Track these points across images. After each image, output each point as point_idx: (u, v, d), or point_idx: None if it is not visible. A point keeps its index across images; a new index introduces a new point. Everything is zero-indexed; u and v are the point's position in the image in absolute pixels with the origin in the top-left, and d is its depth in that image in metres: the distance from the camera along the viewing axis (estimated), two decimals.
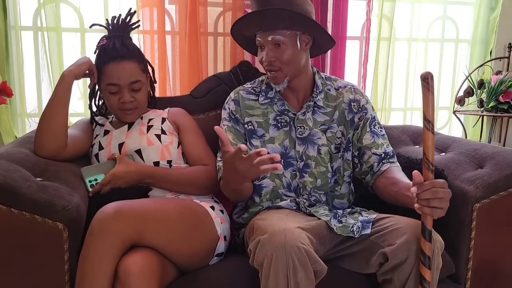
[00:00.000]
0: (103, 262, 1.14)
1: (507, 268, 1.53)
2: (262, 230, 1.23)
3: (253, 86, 1.58)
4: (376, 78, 2.44)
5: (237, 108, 1.53)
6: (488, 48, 2.66)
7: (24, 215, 1.17)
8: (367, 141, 1.50)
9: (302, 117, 1.51)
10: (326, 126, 1.52)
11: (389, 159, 1.48)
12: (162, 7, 2.10)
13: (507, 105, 2.42)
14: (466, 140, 1.81)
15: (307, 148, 1.50)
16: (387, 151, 1.49)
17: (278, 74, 1.44)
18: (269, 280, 1.13)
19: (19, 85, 2.04)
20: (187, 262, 1.33)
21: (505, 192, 1.47)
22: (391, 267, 1.22)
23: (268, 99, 1.53)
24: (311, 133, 1.50)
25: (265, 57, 1.43)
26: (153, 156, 1.50)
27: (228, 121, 1.53)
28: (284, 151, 1.50)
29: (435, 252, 1.21)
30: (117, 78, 1.48)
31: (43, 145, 1.43)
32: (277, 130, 1.51)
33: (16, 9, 2.01)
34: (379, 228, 1.30)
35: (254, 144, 1.51)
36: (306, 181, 1.49)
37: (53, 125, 1.44)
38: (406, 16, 2.54)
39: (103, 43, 1.52)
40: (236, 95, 1.56)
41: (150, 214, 1.24)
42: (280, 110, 1.52)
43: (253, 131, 1.51)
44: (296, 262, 1.12)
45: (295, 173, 1.50)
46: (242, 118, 1.53)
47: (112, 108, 1.54)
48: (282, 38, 1.41)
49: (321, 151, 1.50)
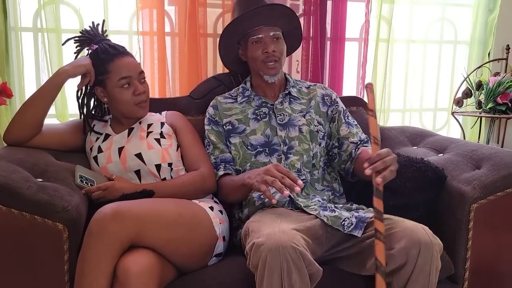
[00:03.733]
0: (101, 263, 1.15)
1: (504, 268, 1.53)
2: (257, 232, 1.24)
3: (230, 93, 1.74)
4: (375, 79, 2.45)
5: (216, 112, 1.67)
6: (486, 50, 2.66)
7: (24, 215, 1.18)
8: (344, 132, 1.64)
9: (280, 106, 1.63)
10: (304, 113, 1.64)
11: (363, 144, 1.61)
12: (161, 8, 2.10)
13: (505, 107, 2.42)
14: (464, 141, 1.82)
15: (288, 131, 1.60)
16: (362, 138, 1.64)
17: (277, 65, 1.60)
18: (264, 282, 1.14)
19: (19, 86, 2.04)
20: (186, 262, 1.33)
21: (502, 192, 1.47)
22: (390, 272, 1.23)
23: (246, 97, 1.67)
24: (291, 118, 1.63)
25: (270, 48, 1.57)
26: (154, 159, 1.50)
27: (208, 125, 1.66)
28: (267, 139, 1.60)
29: (433, 254, 1.21)
30: (127, 70, 1.49)
31: (10, 130, 1.45)
32: (257, 122, 1.62)
33: (16, 10, 2.01)
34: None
35: (232, 142, 1.61)
36: (293, 161, 1.57)
37: (28, 115, 1.45)
38: (404, 18, 2.54)
39: (95, 48, 1.52)
40: (215, 101, 1.71)
41: (148, 214, 1.24)
42: (258, 104, 1.65)
43: (232, 130, 1.62)
44: (291, 264, 1.12)
45: (280, 158, 1.57)
46: (221, 120, 1.64)
47: (126, 104, 1.51)
48: (280, 34, 1.61)
49: (302, 129, 1.61)
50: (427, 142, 1.86)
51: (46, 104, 1.47)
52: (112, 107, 1.57)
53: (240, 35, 1.64)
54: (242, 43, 1.66)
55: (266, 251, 1.13)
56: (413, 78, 2.64)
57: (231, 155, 1.60)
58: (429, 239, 1.22)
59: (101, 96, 1.54)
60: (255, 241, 1.18)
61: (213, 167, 1.57)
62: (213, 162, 1.59)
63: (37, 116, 1.46)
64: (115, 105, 1.54)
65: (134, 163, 1.49)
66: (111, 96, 1.52)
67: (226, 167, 1.58)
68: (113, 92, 1.51)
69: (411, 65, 2.62)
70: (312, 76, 2.29)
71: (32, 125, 1.46)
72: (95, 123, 1.61)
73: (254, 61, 1.62)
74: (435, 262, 1.22)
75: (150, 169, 1.49)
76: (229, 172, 1.57)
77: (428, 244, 1.21)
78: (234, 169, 1.59)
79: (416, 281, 1.21)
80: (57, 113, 2.06)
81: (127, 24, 2.19)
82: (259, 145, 1.59)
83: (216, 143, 1.61)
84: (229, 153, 1.61)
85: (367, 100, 1.26)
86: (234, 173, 1.59)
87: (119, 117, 1.58)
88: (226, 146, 1.62)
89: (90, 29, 1.57)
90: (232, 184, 1.51)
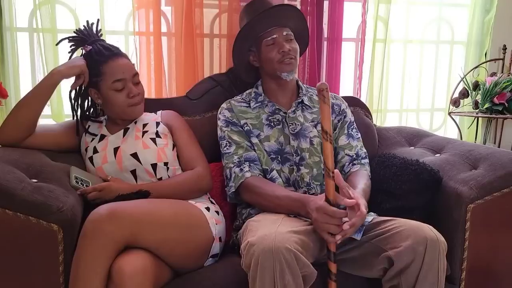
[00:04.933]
0: (96, 264, 1.14)
1: (501, 268, 1.53)
2: (253, 232, 1.24)
3: (242, 97, 1.70)
4: (372, 79, 2.45)
5: (232, 114, 1.62)
6: (483, 50, 2.66)
7: (18, 216, 1.17)
8: (342, 142, 1.64)
9: (293, 115, 1.62)
10: (315, 122, 1.62)
11: (360, 160, 1.60)
12: (158, 8, 2.10)
13: (502, 107, 2.42)
14: (461, 141, 1.82)
15: (300, 142, 1.58)
16: (359, 153, 1.62)
17: (293, 62, 1.59)
18: (256, 282, 1.13)
19: (14, 86, 2.03)
20: (181, 263, 1.33)
21: (499, 193, 1.47)
22: (397, 272, 1.22)
23: (259, 103, 1.64)
24: (303, 128, 1.60)
25: (286, 47, 1.57)
26: (150, 158, 1.49)
27: (226, 126, 1.61)
28: (280, 147, 1.57)
29: (440, 251, 1.20)
30: (121, 72, 1.48)
31: (3, 131, 1.44)
32: (271, 129, 1.59)
33: (12, 10, 2.00)
34: (381, 231, 1.30)
35: (253, 142, 1.58)
36: (303, 174, 1.55)
37: (21, 116, 1.44)
38: (401, 18, 2.54)
39: (89, 49, 1.51)
40: (228, 104, 1.67)
41: (143, 215, 1.24)
42: (272, 111, 1.62)
43: (250, 131, 1.59)
44: (284, 265, 1.11)
45: (292, 168, 1.56)
46: (239, 121, 1.60)
47: (120, 106, 1.51)
48: (292, 35, 1.62)
49: (313, 142, 1.59)
50: (424, 142, 1.86)
51: (40, 105, 1.46)
52: (106, 109, 1.56)
53: (251, 40, 1.63)
54: (253, 48, 1.65)
55: (259, 250, 1.12)
56: (410, 79, 2.65)
57: (255, 154, 1.56)
58: (435, 236, 1.22)
59: (95, 97, 1.53)
60: (249, 240, 1.17)
61: (208, 166, 1.56)
62: (236, 161, 1.53)
63: (31, 117, 1.45)
64: (109, 107, 1.53)
65: (130, 163, 1.49)
66: (105, 98, 1.51)
67: (251, 166, 1.53)
68: (107, 94, 1.50)
69: (408, 65, 2.62)
70: (309, 76, 2.29)
71: (25, 126, 1.45)
72: (90, 124, 1.60)
73: (270, 63, 1.59)
74: (442, 259, 1.21)
75: (146, 169, 1.49)
76: (255, 173, 1.52)
77: (434, 241, 1.20)
78: (259, 170, 1.54)
79: (425, 279, 1.20)
80: (52, 113, 2.05)
81: (123, 24, 2.18)
82: (272, 152, 1.56)
83: (239, 142, 1.56)
84: (254, 152, 1.56)
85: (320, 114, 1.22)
86: (260, 175, 1.53)
87: (114, 118, 1.57)
88: (251, 145, 1.57)
89: (84, 28, 1.56)
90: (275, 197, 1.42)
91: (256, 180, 1.50)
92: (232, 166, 1.53)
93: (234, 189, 1.51)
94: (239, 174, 1.51)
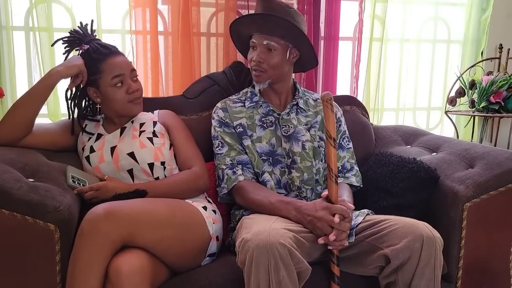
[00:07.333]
0: (93, 263, 1.14)
1: (497, 267, 1.54)
2: (248, 229, 1.24)
3: (238, 96, 1.69)
4: (369, 78, 2.45)
5: (226, 114, 1.62)
6: (479, 49, 2.68)
7: (15, 216, 1.16)
8: None
9: (287, 117, 1.60)
10: (309, 126, 1.61)
11: (345, 174, 1.60)
12: (154, 7, 2.09)
13: (498, 106, 2.43)
14: (457, 140, 1.83)
15: (292, 145, 1.57)
16: (345, 165, 1.62)
17: (262, 75, 1.56)
18: (251, 278, 1.13)
19: (10, 85, 2.03)
20: (178, 262, 1.33)
21: (495, 191, 1.48)
22: (394, 269, 1.23)
23: (254, 103, 1.63)
24: (296, 131, 1.58)
25: (256, 57, 1.54)
26: (147, 158, 1.49)
27: (219, 127, 1.60)
28: (272, 148, 1.57)
29: (437, 248, 1.22)
30: (120, 68, 1.49)
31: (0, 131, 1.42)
32: (263, 130, 1.58)
33: (8, 9, 1.99)
34: (376, 229, 1.31)
35: (245, 144, 1.57)
36: (294, 177, 1.54)
37: (18, 116, 1.43)
38: (398, 17, 2.55)
39: (86, 48, 1.51)
40: (223, 104, 1.65)
41: (140, 214, 1.23)
42: (265, 112, 1.61)
43: (243, 132, 1.58)
44: (278, 260, 1.12)
45: (284, 170, 1.55)
46: (232, 122, 1.60)
47: (120, 103, 1.51)
48: (275, 45, 1.53)
49: (306, 146, 1.58)
50: (420, 141, 1.87)
51: (37, 105, 1.45)
52: (105, 107, 1.56)
53: (241, 38, 1.64)
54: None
55: (254, 246, 1.13)
56: (407, 77, 2.66)
57: (247, 157, 1.55)
58: (431, 233, 1.23)
59: (94, 96, 1.53)
60: (244, 236, 1.18)
61: (205, 166, 1.56)
62: (228, 163, 1.53)
63: (28, 117, 1.45)
64: (109, 105, 1.53)
65: (126, 162, 1.48)
66: (105, 96, 1.51)
67: (244, 169, 1.52)
68: (106, 91, 1.50)
69: (405, 64, 2.63)
70: (305, 75, 2.29)
71: (22, 126, 1.45)
72: (87, 123, 1.60)
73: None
74: (438, 256, 1.22)
75: (143, 168, 1.49)
76: (248, 177, 1.52)
77: (430, 238, 1.22)
78: (252, 173, 1.54)
79: (422, 275, 1.21)
80: (49, 112, 2.05)
81: (119, 23, 2.18)
82: (264, 153, 1.55)
83: (232, 145, 1.56)
84: (246, 155, 1.56)
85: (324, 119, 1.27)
86: (253, 178, 1.54)
87: (112, 117, 1.57)
88: (242, 148, 1.57)
89: (79, 29, 1.55)
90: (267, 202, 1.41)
91: (249, 184, 1.50)
92: (224, 167, 1.53)
93: (226, 190, 1.52)
94: (232, 177, 1.51)
